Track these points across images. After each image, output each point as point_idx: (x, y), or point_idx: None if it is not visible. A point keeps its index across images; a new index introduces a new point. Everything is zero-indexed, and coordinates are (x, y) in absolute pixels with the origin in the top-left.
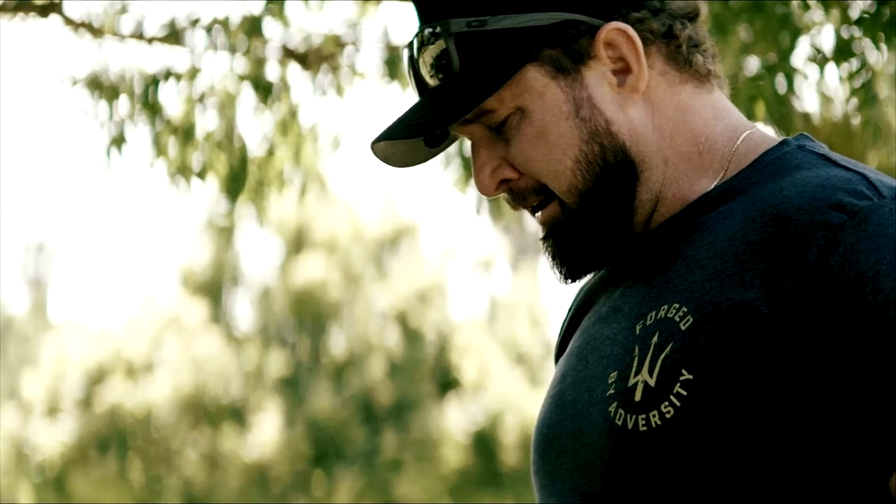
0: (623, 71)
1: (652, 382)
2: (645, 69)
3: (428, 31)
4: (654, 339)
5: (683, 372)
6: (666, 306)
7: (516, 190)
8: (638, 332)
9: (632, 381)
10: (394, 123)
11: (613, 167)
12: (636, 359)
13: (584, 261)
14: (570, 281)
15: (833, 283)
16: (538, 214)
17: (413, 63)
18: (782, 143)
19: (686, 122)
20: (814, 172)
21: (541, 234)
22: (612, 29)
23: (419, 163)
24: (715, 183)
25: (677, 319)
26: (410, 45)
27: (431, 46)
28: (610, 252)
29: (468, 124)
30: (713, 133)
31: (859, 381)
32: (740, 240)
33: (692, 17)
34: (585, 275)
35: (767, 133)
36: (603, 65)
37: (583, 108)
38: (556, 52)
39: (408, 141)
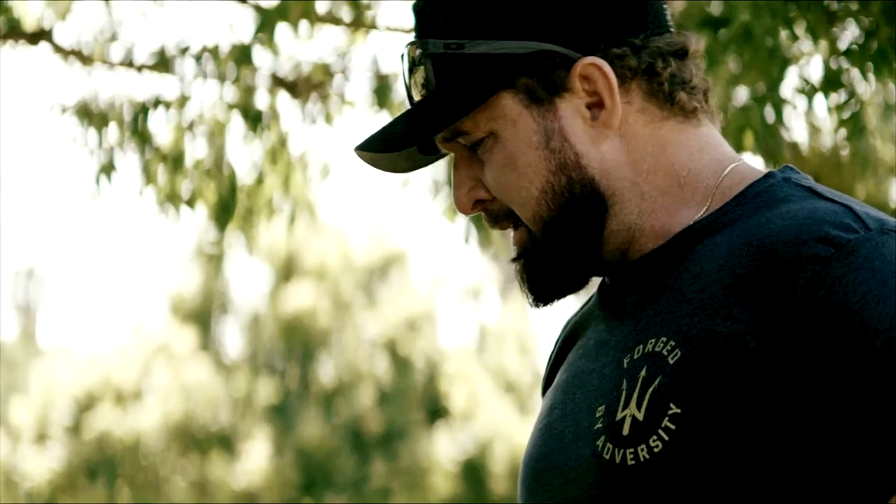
0: (597, 105)
1: (640, 416)
2: (618, 106)
3: (413, 48)
4: (643, 372)
5: (672, 406)
6: (654, 339)
7: (489, 211)
8: (625, 365)
9: (619, 415)
10: (374, 135)
11: (580, 199)
12: (624, 392)
13: (550, 287)
14: (539, 305)
15: (821, 315)
16: (511, 236)
17: (404, 75)
18: (767, 175)
19: (666, 157)
20: (799, 205)
21: (513, 256)
22: (588, 63)
23: (413, 169)
24: (699, 215)
25: (665, 353)
26: (402, 57)
27: (414, 64)
28: (576, 280)
29: (447, 142)
30: (697, 166)
31: (848, 412)
32: (727, 273)
33: (680, 53)
34: (553, 300)
35: (753, 166)
36: (578, 98)
37: (553, 140)
38: (531, 82)
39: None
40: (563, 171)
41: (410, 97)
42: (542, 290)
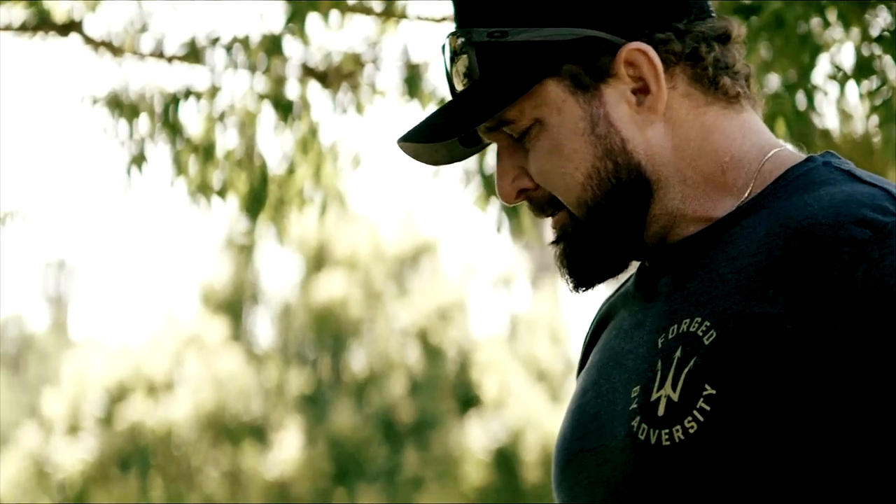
0: (642, 91)
1: (675, 397)
2: (664, 90)
3: (456, 37)
4: (677, 353)
5: (707, 387)
6: (688, 320)
7: (533, 199)
8: (660, 346)
9: (654, 396)
10: (418, 125)
11: (626, 184)
12: (659, 373)
13: (591, 271)
14: (579, 290)
15: (858, 298)
16: (552, 222)
17: (446, 66)
18: (808, 159)
19: (710, 142)
20: (838, 188)
21: (552, 239)
22: (633, 49)
23: (454, 161)
24: (740, 201)
25: (700, 334)
26: (443, 48)
27: (457, 53)
28: (617, 264)
29: (492, 132)
30: (739, 152)
31: (885, 395)
32: (764, 254)
33: (723, 38)
34: (594, 285)
35: (794, 151)
36: (623, 83)
37: (599, 126)
38: (577, 68)
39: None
40: (609, 156)
41: (453, 88)
42: (583, 274)
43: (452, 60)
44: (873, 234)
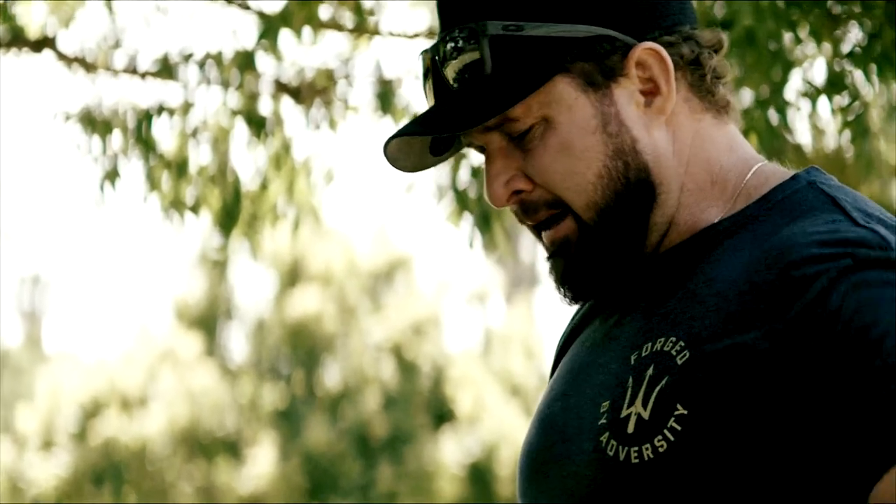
0: (651, 92)
1: (646, 415)
2: (674, 92)
3: (462, 31)
4: (650, 371)
5: (678, 406)
6: (662, 339)
7: (528, 202)
8: (633, 362)
9: (624, 413)
10: (424, 117)
11: (634, 186)
12: (630, 390)
13: (592, 282)
14: (573, 302)
15: (830, 320)
16: (547, 232)
17: (436, 63)
18: (793, 178)
19: (703, 151)
20: (822, 218)
21: (547, 253)
22: (646, 49)
23: (423, 169)
24: (723, 214)
25: (674, 353)
26: (436, 45)
27: (463, 47)
28: (618, 274)
29: (488, 131)
30: (727, 163)
31: (856, 422)
32: (743, 280)
33: (717, 48)
34: (590, 297)
35: (778, 167)
36: (632, 84)
37: (610, 124)
38: (589, 66)
39: (415, 146)
40: (619, 156)
41: (442, 85)
42: (583, 285)
43: (452, 55)
44: (852, 262)
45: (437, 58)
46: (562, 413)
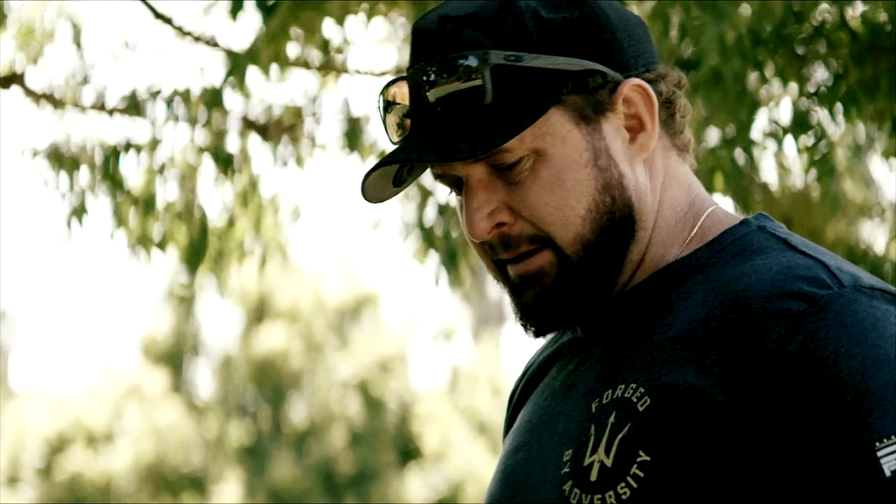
0: (634, 129)
1: (608, 462)
2: (657, 129)
3: (461, 59)
4: (611, 418)
5: (641, 453)
6: (623, 385)
7: (510, 235)
8: (594, 410)
9: (587, 461)
10: (417, 145)
11: (619, 222)
12: (592, 438)
13: (562, 316)
14: (537, 335)
15: (792, 369)
16: (517, 264)
17: (420, 90)
18: (743, 222)
19: (671, 189)
20: (774, 259)
21: (511, 285)
22: (633, 85)
23: (384, 200)
24: (680, 254)
25: (634, 400)
26: (419, 73)
27: (462, 75)
28: (587, 310)
29: (472, 163)
30: (687, 203)
31: (817, 465)
32: (699, 324)
33: (681, 88)
34: (553, 331)
35: (729, 212)
36: (619, 119)
37: (601, 158)
38: (581, 100)
39: (382, 177)
40: (608, 190)
41: (424, 111)
42: (550, 319)
43: (445, 83)
44: (809, 306)
45: (422, 84)
46: (525, 463)
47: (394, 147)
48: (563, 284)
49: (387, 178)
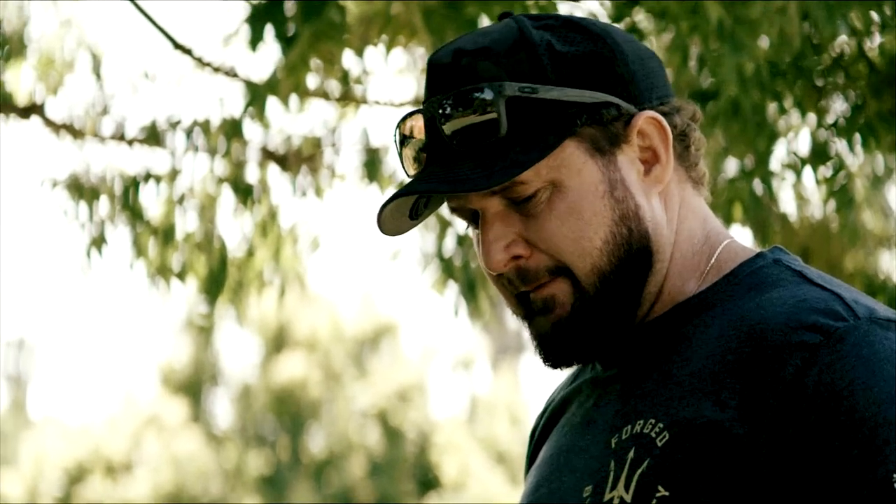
0: (649, 161)
1: (628, 498)
2: (671, 162)
3: (476, 91)
4: (630, 454)
5: (660, 488)
6: (642, 421)
7: (525, 268)
8: (613, 445)
9: (607, 496)
10: (434, 176)
11: (636, 253)
12: (612, 473)
13: (576, 348)
14: (553, 366)
15: (808, 401)
16: (534, 293)
17: (435, 123)
18: (758, 255)
19: (687, 221)
20: (790, 291)
21: (533, 312)
22: (648, 118)
23: (401, 233)
24: (696, 288)
25: (653, 435)
26: (434, 105)
27: (477, 107)
28: (605, 344)
29: (489, 195)
30: (702, 236)
31: (835, 498)
32: (717, 357)
33: (695, 120)
34: (570, 364)
35: (744, 245)
36: (633, 152)
37: (617, 189)
38: (596, 132)
39: (399, 209)
40: (624, 221)
41: (438, 145)
42: (567, 351)
43: (459, 115)
44: (825, 338)
45: (438, 118)
46: (546, 499)
47: (409, 180)
48: (579, 316)
49: (403, 212)
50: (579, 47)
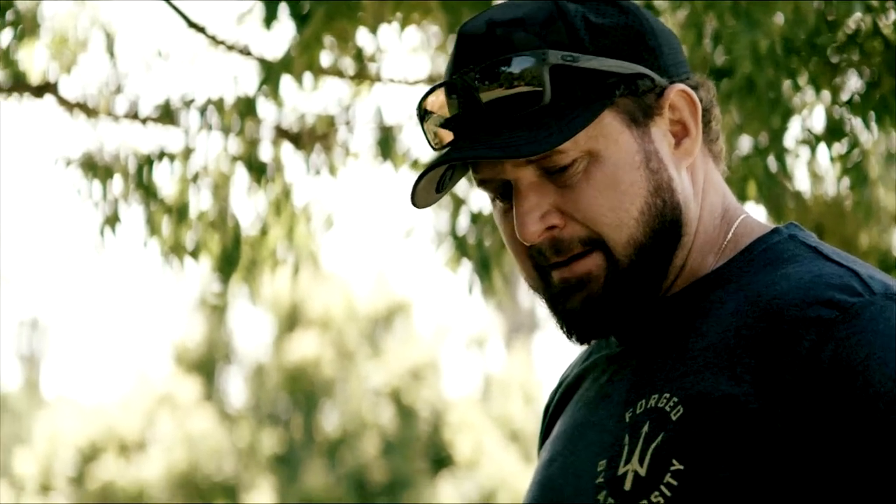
0: (678, 134)
1: (642, 472)
2: (700, 135)
3: (517, 60)
4: (645, 428)
5: (674, 462)
6: (656, 395)
7: (561, 239)
8: (628, 419)
9: (621, 470)
10: (468, 147)
11: (668, 225)
12: (626, 447)
13: (606, 321)
14: (580, 341)
15: (824, 376)
16: (564, 268)
17: (470, 91)
18: (774, 231)
19: (710, 196)
20: (806, 267)
21: (560, 287)
22: (680, 90)
23: (429, 205)
24: (715, 263)
25: (668, 409)
26: (473, 73)
27: (521, 75)
28: (631, 317)
29: (523, 166)
30: (722, 210)
31: (851, 473)
32: (732, 332)
33: (713, 96)
34: (597, 337)
35: (759, 220)
36: (665, 124)
37: (652, 161)
38: (631, 103)
39: (428, 181)
40: (659, 193)
41: (473, 109)
42: (595, 324)
43: (502, 83)
44: (840, 314)
45: (476, 87)
46: (560, 474)
47: (438, 153)
48: (611, 289)
49: (432, 183)
50: (612, 19)
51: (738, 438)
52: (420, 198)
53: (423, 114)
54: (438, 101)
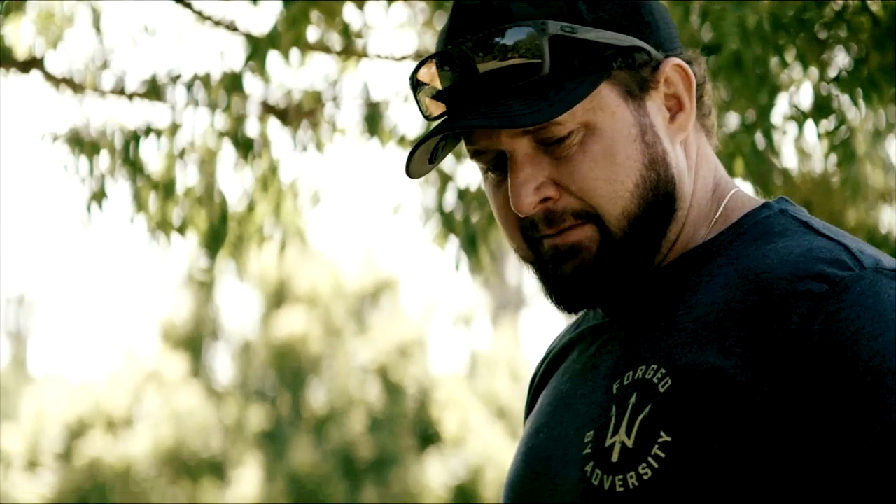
0: (673, 108)
1: (630, 443)
2: (694, 109)
3: (515, 30)
4: (632, 399)
5: (662, 434)
6: (644, 367)
7: (554, 210)
8: (615, 391)
9: (609, 442)
10: (467, 116)
11: (663, 198)
12: (613, 419)
13: (596, 292)
14: (569, 310)
15: (813, 350)
16: (554, 238)
17: (467, 60)
18: (764, 205)
19: (702, 170)
20: (796, 241)
21: (550, 254)
22: (675, 65)
23: (421, 175)
24: (706, 236)
25: (655, 381)
26: (470, 43)
27: (517, 46)
28: (621, 288)
29: (519, 136)
30: (713, 184)
31: (839, 446)
32: (722, 305)
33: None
34: (585, 307)
35: (750, 195)
36: (660, 98)
37: (647, 134)
38: (627, 76)
39: (422, 151)
40: (653, 166)
41: (470, 78)
42: (583, 295)
43: (500, 53)
44: (830, 288)
45: (473, 57)
46: (546, 444)
47: (434, 122)
48: (603, 260)
49: (426, 153)
50: None
51: (726, 411)
52: (414, 168)
53: (417, 84)
54: (432, 71)
